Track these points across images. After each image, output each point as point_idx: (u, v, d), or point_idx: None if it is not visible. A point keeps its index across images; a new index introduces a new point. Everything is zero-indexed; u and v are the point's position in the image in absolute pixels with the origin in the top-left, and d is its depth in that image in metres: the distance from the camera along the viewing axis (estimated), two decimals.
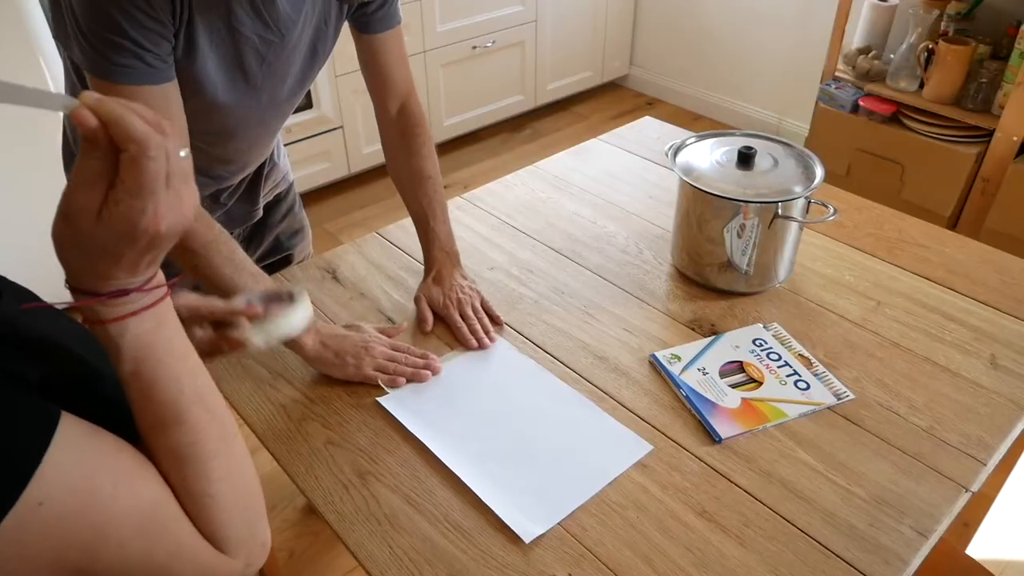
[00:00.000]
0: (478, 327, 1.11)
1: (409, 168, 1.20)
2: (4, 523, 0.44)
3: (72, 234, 0.46)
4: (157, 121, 0.47)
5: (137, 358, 0.51)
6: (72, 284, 0.49)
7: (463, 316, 1.12)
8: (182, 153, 0.48)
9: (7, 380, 0.48)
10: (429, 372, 1.03)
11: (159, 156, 0.46)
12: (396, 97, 1.21)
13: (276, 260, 1.42)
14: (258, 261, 1.30)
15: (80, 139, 0.46)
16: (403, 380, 1.02)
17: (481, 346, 1.09)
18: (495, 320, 1.14)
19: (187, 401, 0.54)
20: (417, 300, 1.16)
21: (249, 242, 1.36)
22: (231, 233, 1.13)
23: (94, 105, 0.44)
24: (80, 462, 0.48)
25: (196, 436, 0.54)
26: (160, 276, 0.52)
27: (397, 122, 1.21)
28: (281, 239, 1.42)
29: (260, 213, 1.33)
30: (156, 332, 0.52)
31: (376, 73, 1.19)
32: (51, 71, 2.07)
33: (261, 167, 1.29)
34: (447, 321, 1.12)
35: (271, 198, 1.36)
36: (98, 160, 0.45)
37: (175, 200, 0.47)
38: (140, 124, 0.45)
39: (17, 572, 0.46)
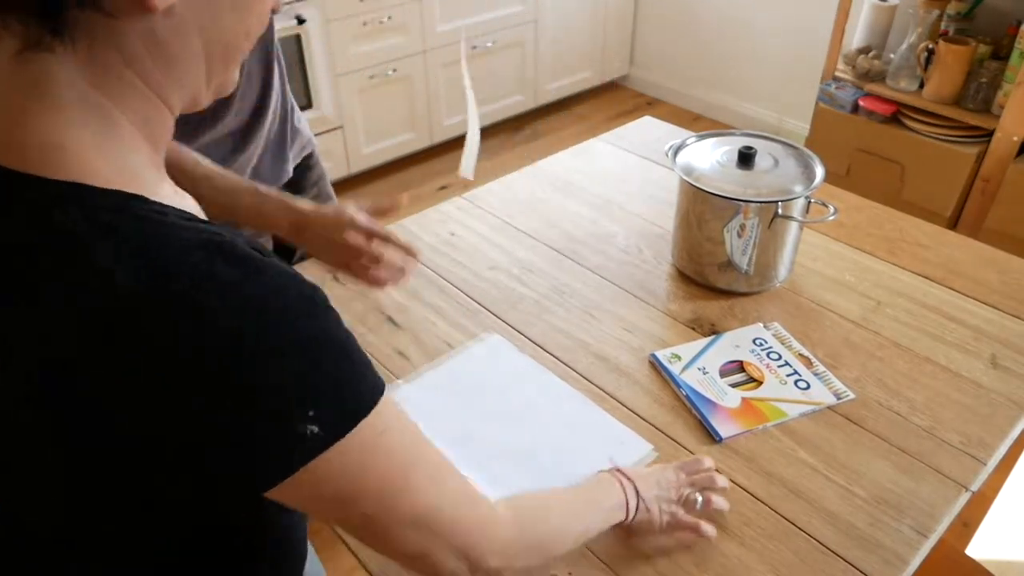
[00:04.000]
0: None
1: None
2: (351, 437, 0.48)
3: None
4: None
5: None
6: None
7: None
8: None
9: None
10: (385, 278, 0.99)
11: None
12: None
13: None
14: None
15: None
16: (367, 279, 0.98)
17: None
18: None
19: None
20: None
21: None
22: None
23: None
24: (400, 412, 0.54)
25: None
26: None
27: None
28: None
29: (291, 173, 1.30)
30: None
31: None
32: None
33: (284, 121, 1.25)
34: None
35: (299, 160, 1.33)
36: None
37: None
38: None
39: (338, 494, 0.50)
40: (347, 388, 0.49)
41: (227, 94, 0.56)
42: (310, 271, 1.25)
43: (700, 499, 0.81)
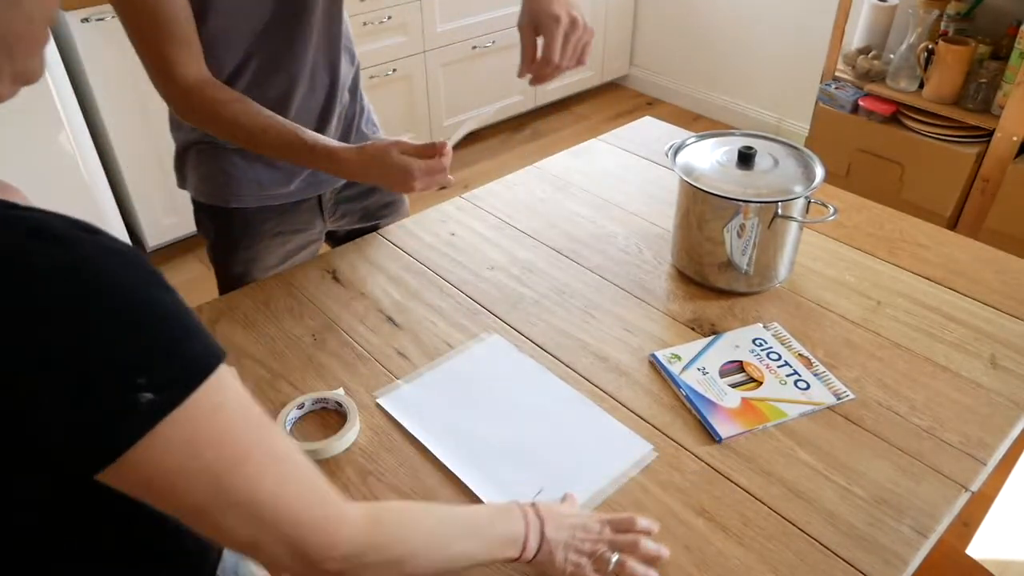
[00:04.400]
0: (569, 54, 1.03)
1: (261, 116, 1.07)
2: (183, 409, 0.48)
3: None
4: None
5: None
6: None
7: (563, 46, 1.03)
8: None
9: None
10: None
11: None
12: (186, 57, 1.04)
13: (363, 228, 1.40)
14: (348, 231, 1.40)
15: None
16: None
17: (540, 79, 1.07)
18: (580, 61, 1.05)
19: None
20: (522, 29, 1.06)
21: (337, 206, 1.36)
22: (326, 190, 1.30)
23: None
24: (241, 390, 0.53)
25: None
26: None
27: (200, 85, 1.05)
28: (371, 209, 1.40)
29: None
30: None
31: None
32: (50, 70, 2.07)
33: (347, 129, 1.29)
34: (547, 37, 1.03)
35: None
36: None
37: None
38: None
39: (169, 473, 0.49)
40: (177, 354, 0.48)
41: (33, 82, 0.56)
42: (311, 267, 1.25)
43: (614, 559, 0.74)
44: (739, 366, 1.04)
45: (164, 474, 0.49)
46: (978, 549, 1.49)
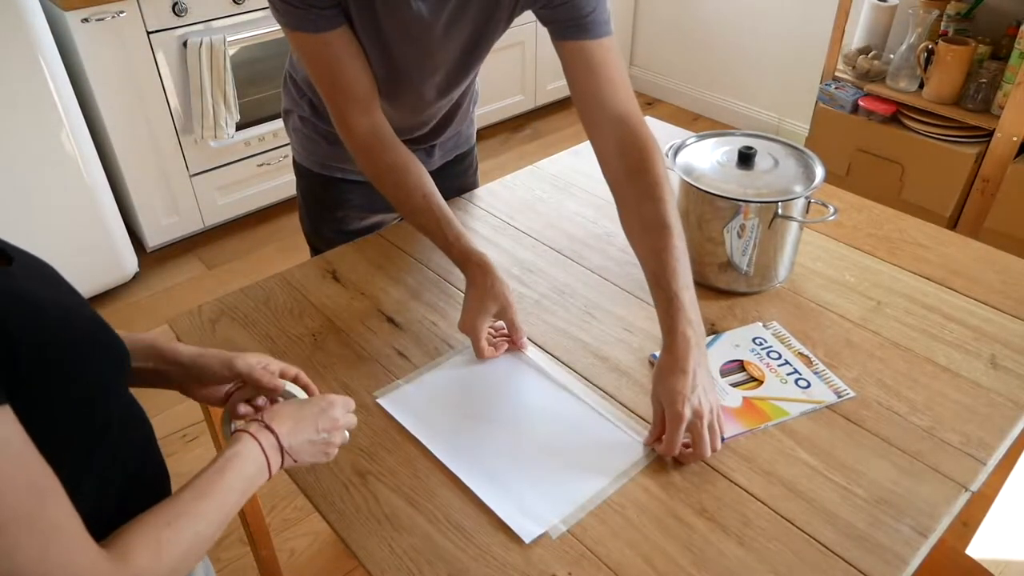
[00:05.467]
0: (706, 449, 0.88)
1: (642, 213, 0.99)
2: None
3: None
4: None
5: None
6: None
7: (692, 428, 0.88)
8: None
9: None
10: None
11: None
12: (608, 124, 1.03)
13: None
14: None
15: None
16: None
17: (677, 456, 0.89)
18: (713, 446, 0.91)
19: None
20: (653, 400, 0.92)
21: None
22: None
23: None
24: (15, 444, 0.49)
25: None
26: None
27: (619, 158, 1.02)
28: (448, 196, 1.37)
29: (434, 164, 1.36)
30: None
31: (576, 92, 1.05)
32: (51, 69, 2.07)
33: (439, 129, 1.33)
34: (669, 434, 0.88)
35: (451, 157, 1.39)
36: None
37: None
38: None
39: None
40: None
41: None
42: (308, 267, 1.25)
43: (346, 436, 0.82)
44: (739, 365, 1.04)
45: None
46: (978, 549, 1.49)
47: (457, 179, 1.44)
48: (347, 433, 0.82)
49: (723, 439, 0.91)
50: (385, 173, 1.09)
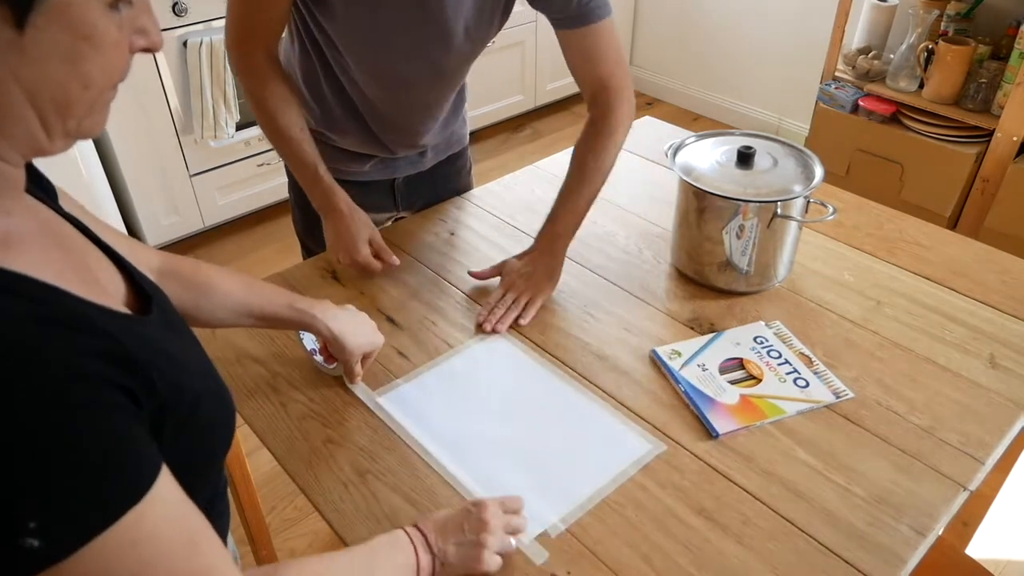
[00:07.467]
0: (497, 313, 1.12)
1: (576, 152, 1.22)
2: (87, 551, 0.43)
3: None
4: None
5: None
6: None
7: (502, 297, 1.15)
8: None
9: (130, 404, 0.48)
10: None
11: None
12: (588, 93, 1.21)
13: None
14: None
15: None
16: None
17: (480, 328, 1.12)
18: (518, 319, 1.13)
19: None
20: (502, 261, 1.20)
21: (409, 191, 1.39)
22: (400, 176, 1.36)
23: None
24: (172, 503, 0.49)
25: None
26: None
27: (589, 111, 1.22)
28: (441, 196, 1.44)
29: (426, 165, 1.37)
30: None
31: (572, 69, 1.19)
32: None
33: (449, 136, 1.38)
34: (496, 290, 1.16)
35: (443, 157, 1.40)
36: None
37: None
38: None
39: None
40: (81, 498, 0.43)
41: (92, 137, 0.54)
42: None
43: (510, 540, 0.79)
44: (739, 363, 1.05)
45: None
46: (977, 549, 1.49)
47: (451, 180, 1.44)
48: (512, 540, 0.78)
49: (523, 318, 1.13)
50: (269, 99, 1.12)
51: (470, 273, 1.21)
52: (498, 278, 1.19)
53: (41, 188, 0.60)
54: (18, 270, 0.47)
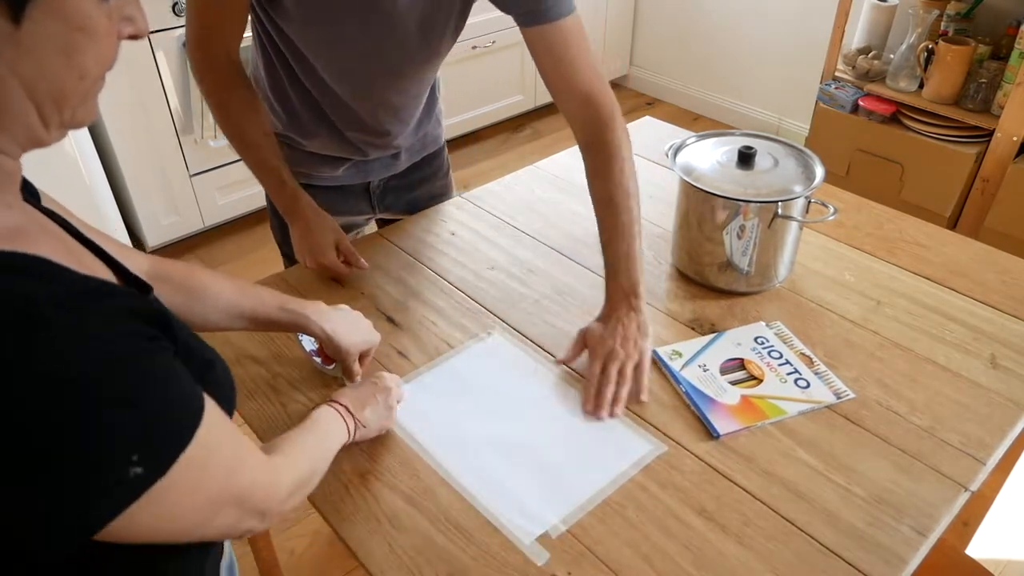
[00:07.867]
0: (607, 394, 0.98)
1: (594, 189, 1.11)
2: (176, 468, 0.51)
3: None
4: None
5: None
6: None
7: (604, 371, 1.00)
8: None
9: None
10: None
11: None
12: (570, 102, 1.11)
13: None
14: (395, 220, 1.42)
15: None
16: None
17: (594, 414, 0.97)
18: (634, 394, 1.00)
19: None
20: (580, 331, 1.07)
21: (385, 194, 1.37)
22: (374, 179, 1.33)
23: None
24: (218, 419, 0.57)
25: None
26: None
27: (580, 132, 1.13)
28: (419, 200, 1.42)
29: (401, 167, 1.36)
30: None
31: (541, 72, 1.11)
32: None
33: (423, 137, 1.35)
34: (589, 366, 1.02)
35: (418, 159, 1.38)
36: None
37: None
38: None
39: (185, 503, 0.53)
40: (165, 424, 0.50)
41: (84, 127, 0.56)
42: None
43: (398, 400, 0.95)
44: (740, 363, 1.05)
45: (158, 521, 0.52)
46: (978, 549, 1.49)
47: (427, 183, 1.42)
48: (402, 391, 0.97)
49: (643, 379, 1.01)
50: (230, 103, 1.12)
51: (558, 361, 1.06)
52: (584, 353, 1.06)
53: (25, 189, 0.61)
54: (40, 254, 0.49)
